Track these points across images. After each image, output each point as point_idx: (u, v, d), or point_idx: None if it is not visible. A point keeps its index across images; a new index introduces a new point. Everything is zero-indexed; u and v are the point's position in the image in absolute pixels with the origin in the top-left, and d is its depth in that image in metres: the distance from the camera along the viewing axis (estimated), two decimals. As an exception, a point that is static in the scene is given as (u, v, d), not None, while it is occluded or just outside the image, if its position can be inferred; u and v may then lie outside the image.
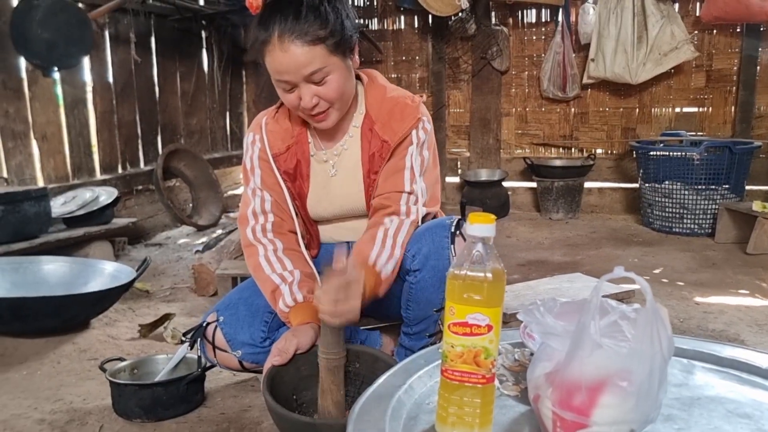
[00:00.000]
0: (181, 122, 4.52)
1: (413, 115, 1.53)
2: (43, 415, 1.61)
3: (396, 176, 1.52)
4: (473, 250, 0.80)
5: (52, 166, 3.41)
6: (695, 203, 3.71)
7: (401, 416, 0.87)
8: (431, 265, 1.46)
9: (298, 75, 1.38)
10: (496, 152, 4.85)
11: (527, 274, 2.97)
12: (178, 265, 3.31)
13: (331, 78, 1.42)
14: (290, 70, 1.38)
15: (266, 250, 1.53)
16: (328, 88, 1.42)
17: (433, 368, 0.99)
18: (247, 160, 1.61)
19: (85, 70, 3.62)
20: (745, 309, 2.43)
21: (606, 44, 4.22)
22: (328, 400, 1.29)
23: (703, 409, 0.88)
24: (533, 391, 0.83)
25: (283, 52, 1.36)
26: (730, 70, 4.27)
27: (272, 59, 1.39)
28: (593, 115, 4.63)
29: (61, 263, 2.51)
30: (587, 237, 3.84)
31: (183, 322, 2.31)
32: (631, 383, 0.73)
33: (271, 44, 1.38)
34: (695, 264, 3.13)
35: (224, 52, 4.79)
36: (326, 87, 1.42)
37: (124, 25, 3.83)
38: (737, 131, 4.24)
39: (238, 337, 1.53)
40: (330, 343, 1.26)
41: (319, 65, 1.38)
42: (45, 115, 3.35)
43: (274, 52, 1.38)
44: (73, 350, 2.07)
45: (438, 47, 4.80)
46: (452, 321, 0.80)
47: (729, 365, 1.01)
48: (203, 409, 1.64)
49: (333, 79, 1.42)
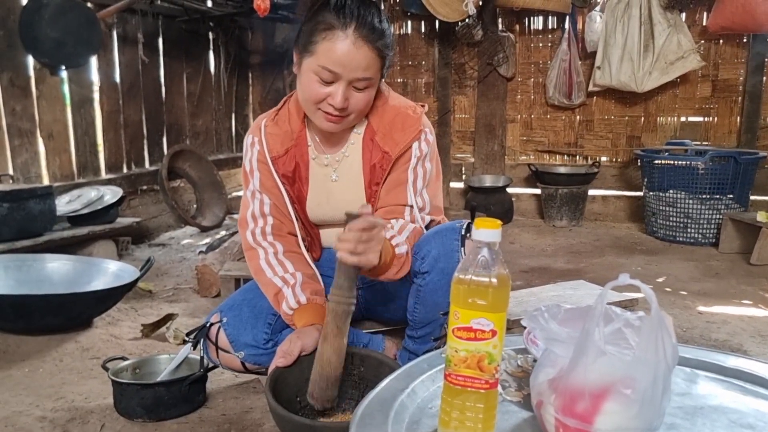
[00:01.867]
0: (186, 123, 4.54)
1: (415, 127, 1.53)
2: (44, 412, 1.61)
3: (398, 189, 1.52)
4: (479, 255, 0.80)
5: (57, 165, 3.43)
6: (699, 213, 3.71)
7: (404, 420, 0.87)
8: (440, 267, 1.46)
9: (352, 74, 1.39)
10: (500, 158, 4.85)
11: (530, 280, 2.97)
12: (181, 265, 3.31)
13: (369, 91, 1.46)
14: (349, 66, 1.38)
15: (267, 254, 1.53)
16: (362, 98, 1.45)
17: (436, 372, 0.99)
18: (246, 163, 1.61)
19: (92, 69, 3.63)
20: (748, 319, 2.42)
21: (612, 52, 4.23)
22: (329, 347, 1.27)
23: (706, 418, 0.88)
24: (536, 397, 0.83)
25: (353, 46, 1.37)
26: (736, 80, 4.27)
27: (334, 47, 1.37)
28: (598, 122, 4.63)
29: (64, 261, 2.51)
30: (591, 245, 3.83)
31: (185, 322, 2.31)
32: (635, 391, 0.73)
33: (342, 33, 1.37)
34: (699, 273, 3.12)
35: (231, 54, 4.81)
36: (360, 96, 1.45)
37: (132, 25, 3.85)
38: (742, 141, 4.23)
39: (241, 339, 1.53)
40: (342, 285, 1.25)
41: (371, 75, 1.43)
42: (52, 114, 3.36)
43: (341, 42, 1.37)
44: (76, 349, 2.08)
45: (444, 53, 4.81)
46: (456, 325, 0.80)
47: (732, 375, 1.01)
48: (205, 410, 1.64)
49: (369, 93, 1.47)
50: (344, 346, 1.29)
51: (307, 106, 1.49)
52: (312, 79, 1.42)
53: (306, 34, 1.42)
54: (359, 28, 1.37)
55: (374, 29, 1.39)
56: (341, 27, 1.37)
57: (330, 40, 1.37)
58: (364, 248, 1.20)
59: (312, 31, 1.40)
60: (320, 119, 1.48)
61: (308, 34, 1.41)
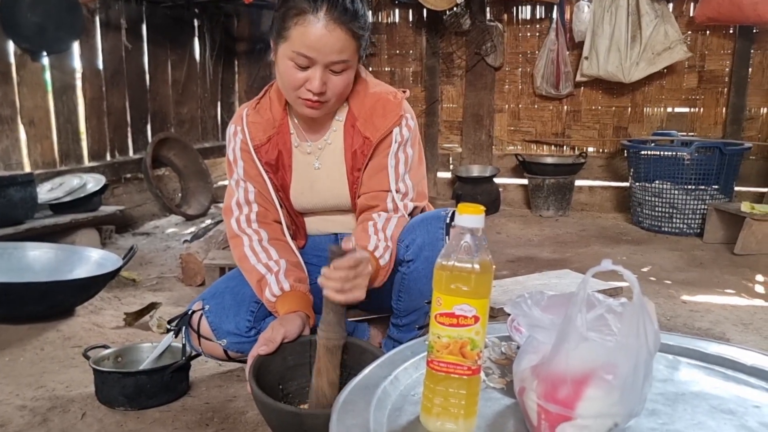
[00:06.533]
0: (171, 111, 4.48)
1: (395, 112, 1.52)
2: (24, 401, 1.59)
3: (380, 175, 1.51)
4: (461, 241, 0.79)
5: (39, 152, 3.38)
6: (685, 203, 3.73)
7: (386, 407, 0.87)
8: (425, 255, 1.46)
9: (327, 57, 1.37)
10: (488, 148, 4.85)
11: (516, 270, 2.97)
12: (165, 254, 3.29)
13: (346, 74, 1.44)
14: (323, 50, 1.36)
15: (251, 241, 1.52)
16: (339, 81, 1.43)
17: (419, 360, 0.99)
18: (230, 152, 1.60)
19: (74, 55, 3.57)
20: (731, 308, 2.44)
21: (600, 43, 4.23)
22: (324, 381, 1.27)
23: (688, 404, 0.88)
24: (519, 384, 0.82)
25: (325, 29, 1.35)
26: (722, 72, 4.29)
27: (307, 31, 1.35)
28: (586, 113, 4.64)
29: (46, 249, 2.48)
30: (577, 235, 3.85)
31: (169, 311, 2.29)
32: (616, 376, 0.73)
33: (314, 17, 1.35)
34: (683, 263, 3.15)
35: (216, 41, 4.75)
36: (338, 79, 1.42)
37: (115, 11, 3.79)
38: (728, 132, 4.26)
39: (223, 326, 1.52)
40: (331, 322, 1.24)
41: (347, 57, 1.40)
42: (33, 100, 3.31)
43: (314, 26, 1.35)
44: (57, 337, 2.05)
45: (432, 42, 4.78)
46: (439, 312, 0.80)
47: (714, 362, 1.02)
48: (187, 399, 1.62)
49: (346, 76, 1.44)
50: (338, 379, 1.28)
51: (287, 93, 1.47)
52: (288, 66, 1.40)
53: (279, 20, 1.40)
54: (330, 10, 1.35)
55: (346, 10, 1.36)
56: (312, 11, 1.35)
57: (302, 24, 1.35)
58: (352, 286, 1.20)
59: (284, 16, 1.38)
60: (301, 106, 1.46)
61: (281, 20, 1.39)
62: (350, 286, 1.20)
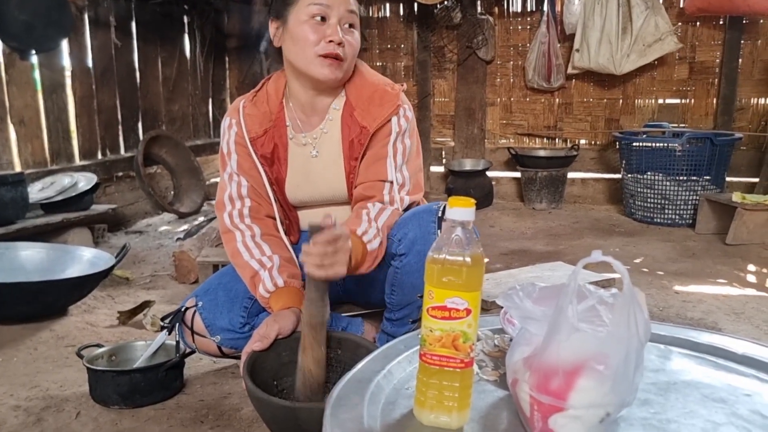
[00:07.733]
0: (162, 108, 4.46)
1: (393, 102, 1.52)
2: (18, 401, 1.59)
3: (377, 165, 1.51)
4: (452, 234, 0.79)
5: (29, 152, 3.35)
6: (676, 194, 3.75)
7: (380, 401, 0.87)
8: (417, 249, 1.46)
9: (342, 7, 1.44)
10: (480, 142, 4.85)
11: (509, 263, 2.98)
12: (158, 252, 3.27)
13: (357, 33, 1.50)
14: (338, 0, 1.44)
15: (244, 236, 1.52)
16: (352, 39, 1.49)
17: (412, 353, 0.99)
18: (224, 145, 1.59)
19: (63, 53, 3.54)
20: (723, 298, 2.46)
21: (591, 35, 4.23)
22: (309, 357, 1.27)
23: (679, 393, 0.89)
24: (511, 375, 0.83)
25: None
26: (713, 63, 4.30)
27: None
28: (577, 105, 4.65)
29: (38, 249, 2.47)
30: (570, 227, 3.86)
31: (163, 309, 2.29)
32: (608, 367, 0.73)
33: None
34: (675, 254, 3.16)
35: (207, 38, 4.73)
36: (351, 38, 1.49)
37: (103, 8, 3.76)
38: (719, 123, 4.28)
39: (217, 323, 1.52)
40: (314, 299, 1.24)
41: (356, 11, 1.49)
42: (22, 99, 3.28)
43: None
44: (51, 337, 2.04)
45: (423, 36, 4.77)
46: (431, 305, 0.80)
47: (705, 351, 1.02)
48: (182, 396, 1.62)
49: (357, 35, 1.51)
50: (323, 356, 1.29)
51: (306, 56, 1.47)
52: (304, 27, 1.44)
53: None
54: None
55: None
56: None
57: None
58: (331, 261, 1.20)
59: None
60: (320, 66, 1.46)
61: None
62: (330, 262, 1.20)
